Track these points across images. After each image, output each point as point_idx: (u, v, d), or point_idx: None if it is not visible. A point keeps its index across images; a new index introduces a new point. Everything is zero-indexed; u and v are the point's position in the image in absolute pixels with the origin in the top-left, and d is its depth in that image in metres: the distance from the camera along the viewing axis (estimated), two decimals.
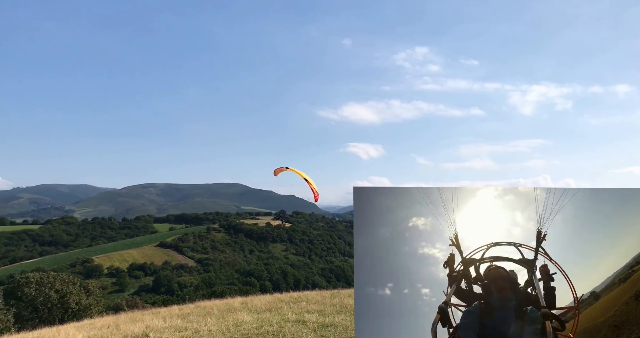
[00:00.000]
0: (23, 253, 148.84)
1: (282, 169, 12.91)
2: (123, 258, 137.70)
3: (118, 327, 13.40)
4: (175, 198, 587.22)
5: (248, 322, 11.84)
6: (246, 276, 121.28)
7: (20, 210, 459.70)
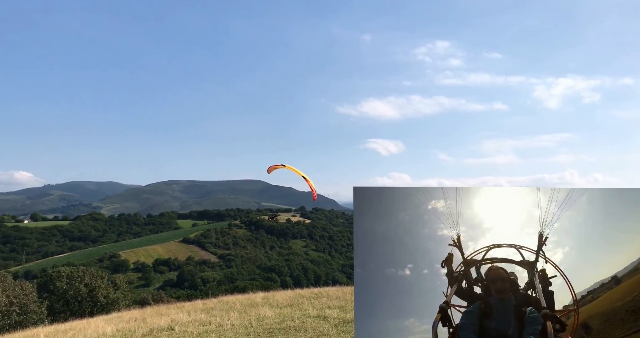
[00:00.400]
0: (54, 248, 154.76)
1: (277, 166, 12.92)
2: (148, 254, 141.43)
3: (145, 320, 13.81)
4: (198, 195, 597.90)
5: (270, 317, 12.01)
6: (267, 272, 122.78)
7: (51, 206, 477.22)
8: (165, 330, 11.34)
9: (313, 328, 10.23)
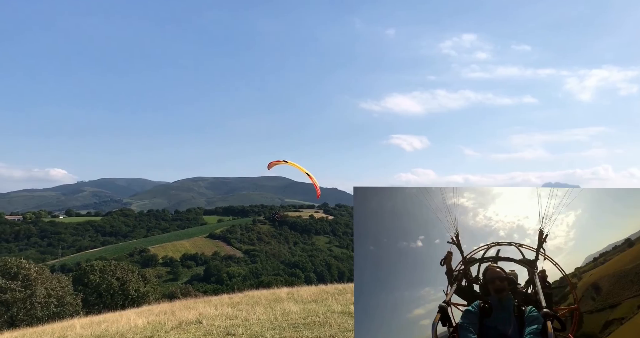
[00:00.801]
0: (88, 243, 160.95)
1: (278, 162, 12.73)
2: (176, 249, 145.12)
3: (174, 313, 14.21)
4: (223, 191, 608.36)
5: (295, 312, 12.13)
6: (291, 267, 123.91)
7: (84, 202, 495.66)
8: (193, 324, 11.63)
9: (338, 323, 10.27)
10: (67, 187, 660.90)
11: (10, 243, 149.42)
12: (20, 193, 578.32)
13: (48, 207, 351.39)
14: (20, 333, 14.39)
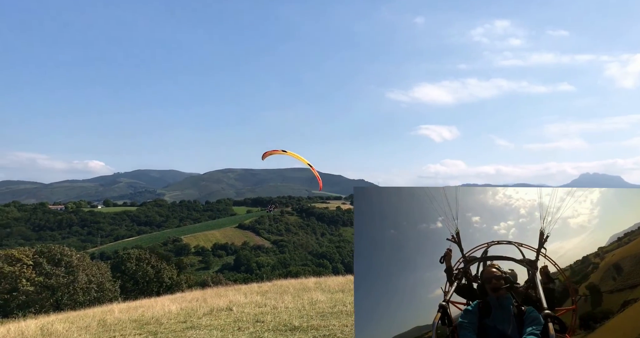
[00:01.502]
0: (124, 232, 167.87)
1: (275, 151, 12.25)
2: (207, 238, 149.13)
3: (206, 300, 14.70)
4: (251, 183, 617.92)
5: (322, 301, 12.29)
6: (319, 258, 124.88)
7: (120, 193, 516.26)
8: (224, 310, 12.00)
9: None
10: (105, 178, 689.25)
11: (54, 232, 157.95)
12: (62, 184, 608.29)
13: (87, 197, 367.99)
14: (64, 316, 15.27)
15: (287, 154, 12.36)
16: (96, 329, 10.69)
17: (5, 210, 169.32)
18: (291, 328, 9.23)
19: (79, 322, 12.01)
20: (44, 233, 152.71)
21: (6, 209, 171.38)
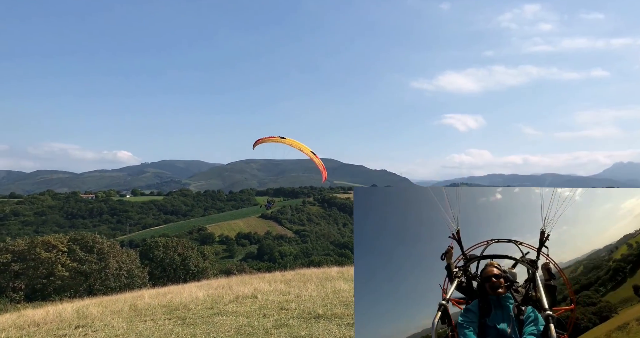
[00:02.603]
0: (152, 221, 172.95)
1: (271, 138, 10.80)
2: (231, 228, 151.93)
3: (231, 287, 15.03)
4: (274, 173, 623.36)
5: (345, 291, 12.38)
6: (341, 248, 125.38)
7: (147, 182, 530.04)
8: (249, 298, 12.25)
9: None
10: (132, 168, 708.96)
11: (85, 220, 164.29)
12: (92, 174, 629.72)
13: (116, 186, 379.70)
14: (98, 300, 15.94)
15: (286, 141, 10.95)
16: (128, 313, 11.12)
17: (40, 199, 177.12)
18: (315, 316, 9.35)
19: (112, 306, 12.51)
20: (76, 221, 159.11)
21: (41, 198, 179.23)
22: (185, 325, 9.26)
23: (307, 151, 10.77)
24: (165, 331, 8.80)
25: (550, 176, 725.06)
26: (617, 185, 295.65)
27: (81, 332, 9.20)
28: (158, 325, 9.40)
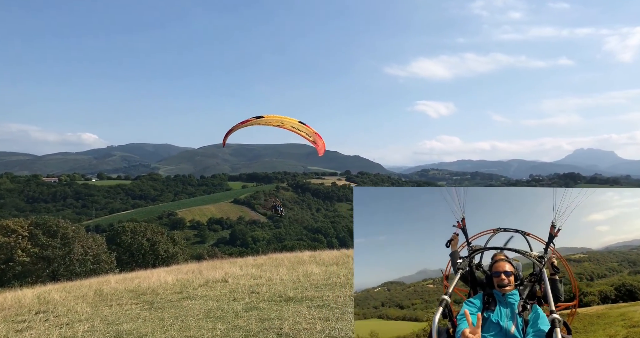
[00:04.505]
0: (119, 205, 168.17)
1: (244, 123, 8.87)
2: (202, 213, 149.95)
3: (201, 272, 14.86)
4: (247, 158, 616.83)
5: (317, 274, 12.47)
6: (314, 233, 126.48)
7: (114, 166, 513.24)
8: (219, 282, 12.15)
9: None
10: (98, 151, 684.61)
11: (48, 204, 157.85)
12: (55, 156, 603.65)
13: (81, 170, 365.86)
14: (61, 286, 15.42)
15: (264, 119, 8.87)
16: (93, 298, 10.81)
17: None
18: (286, 298, 9.37)
19: (76, 292, 12.13)
20: (38, 206, 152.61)
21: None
22: (153, 309, 9.09)
23: (294, 122, 9.12)
24: (131, 315, 8.61)
25: (517, 162, 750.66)
26: (578, 170, 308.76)
27: (42, 318, 8.88)
28: (124, 310, 9.19)
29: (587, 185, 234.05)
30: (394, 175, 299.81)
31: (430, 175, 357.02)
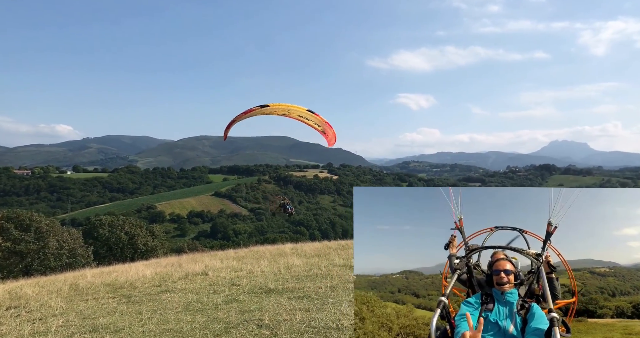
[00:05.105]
0: (96, 198, 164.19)
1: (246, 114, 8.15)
2: (183, 206, 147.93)
3: (181, 265, 14.67)
4: (228, 150, 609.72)
5: (298, 266, 12.47)
6: (296, 225, 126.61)
7: (90, 158, 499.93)
8: (199, 275, 12.02)
9: (339, 275, 10.56)
10: (73, 143, 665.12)
11: (20, 197, 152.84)
12: (27, 148, 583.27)
13: (55, 162, 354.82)
14: (34, 281, 14.99)
15: (270, 109, 8.08)
16: (68, 293, 10.55)
17: None
18: (266, 290, 9.35)
19: (50, 286, 11.80)
20: (9, 199, 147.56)
21: None
22: (131, 303, 8.92)
23: (302, 110, 8.36)
24: (108, 309, 8.43)
25: (494, 154, 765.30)
26: (553, 162, 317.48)
27: (13, 313, 8.61)
28: (101, 304, 8.99)
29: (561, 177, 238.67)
30: (375, 168, 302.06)
31: (411, 167, 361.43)
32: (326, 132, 9.17)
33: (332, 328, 6.41)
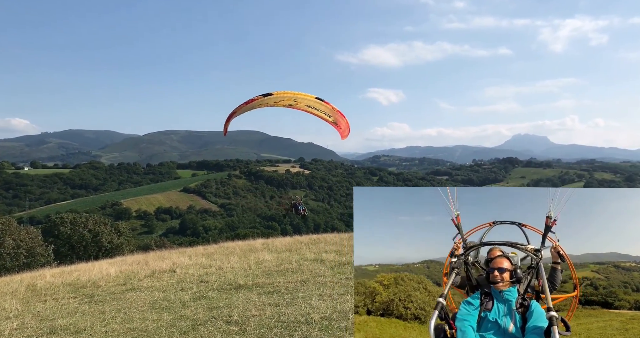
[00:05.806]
0: (57, 196, 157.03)
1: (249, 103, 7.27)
2: (150, 202, 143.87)
3: (147, 263, 14.24)
4: (196, 145, 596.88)
5: (268, 261, 12.38)
6: (268, 220, 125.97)
7: (50, 154, 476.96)
8: (167, 272, 11.72)
9: (310, 270, 10.56)
10: (31, 138, 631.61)
11: None
12: None
13: (10, 158, 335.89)
14: None
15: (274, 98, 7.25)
16: (24, 294, 10.04)
17: None
18: (236, 286, 9.22)
19: (5, 288, 11.19)
20: None
21: None
22: (93, 303, 8.59)
23: (310, 99, 7.43)
24: (68, 310, 8.07)
25: (461, 148, 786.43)
26: (515, 155, 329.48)
27: None
28: (60, 304, 8.61)
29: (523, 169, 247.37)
30: (347, 162, 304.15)
31: (382, 162, 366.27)
32: (338, 123, 8.07)
33: (301, 323, 6.39)
